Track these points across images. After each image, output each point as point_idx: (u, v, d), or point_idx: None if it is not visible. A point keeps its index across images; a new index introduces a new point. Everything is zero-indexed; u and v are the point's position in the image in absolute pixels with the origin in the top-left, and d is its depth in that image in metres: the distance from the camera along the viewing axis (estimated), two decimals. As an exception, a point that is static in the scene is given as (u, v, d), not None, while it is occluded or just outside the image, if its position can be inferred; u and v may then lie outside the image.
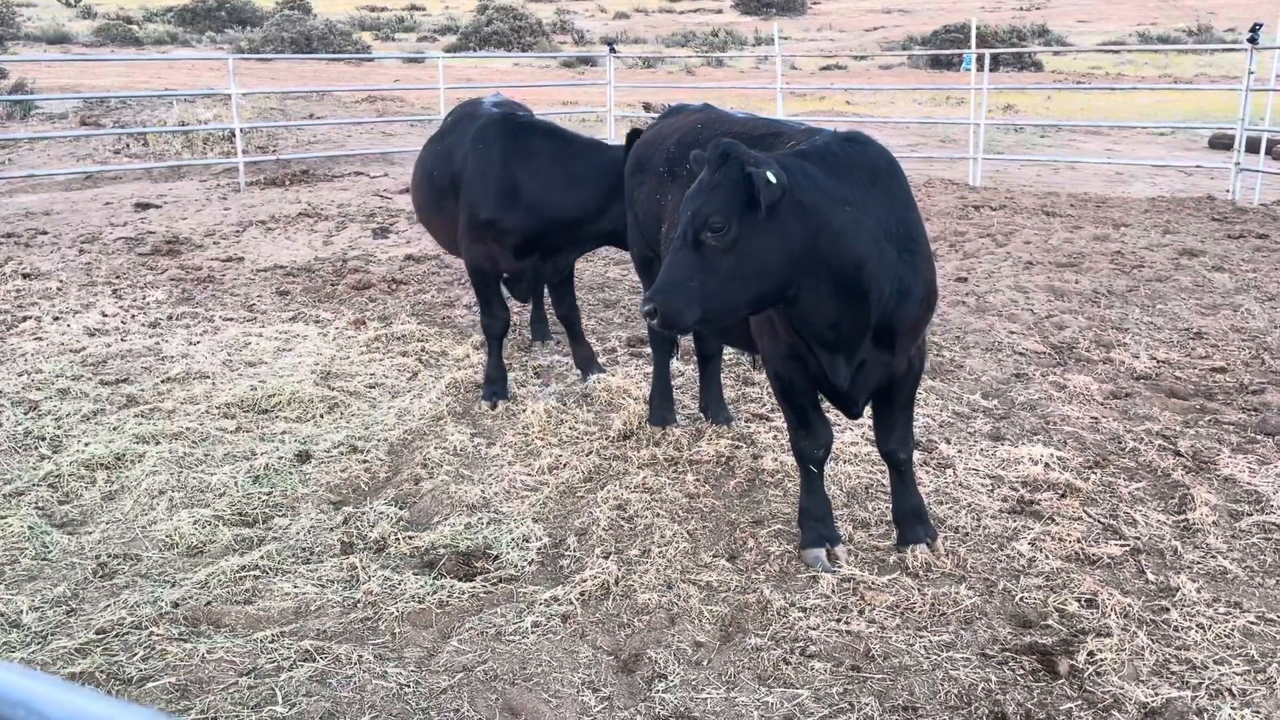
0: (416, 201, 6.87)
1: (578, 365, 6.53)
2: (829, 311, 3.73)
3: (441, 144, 6.48)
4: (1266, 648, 3.60)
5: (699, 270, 3.56)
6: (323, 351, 7.01)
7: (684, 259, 3.59)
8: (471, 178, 6.00)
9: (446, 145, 6.41)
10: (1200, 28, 46.06)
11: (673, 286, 3.57)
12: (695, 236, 3.57)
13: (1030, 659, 3.55)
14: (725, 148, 3.58)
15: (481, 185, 5.94)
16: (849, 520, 4.58)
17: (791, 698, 3.36)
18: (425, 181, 6.52)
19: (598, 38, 44.39)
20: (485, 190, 5.92)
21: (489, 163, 5.94)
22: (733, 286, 3.59)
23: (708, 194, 3.57)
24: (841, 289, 3.69)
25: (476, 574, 4.16)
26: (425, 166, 6.56)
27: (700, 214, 3.56)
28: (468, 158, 6.07)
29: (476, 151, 6.04)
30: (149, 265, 9.62)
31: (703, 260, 3.56)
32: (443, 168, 6.28)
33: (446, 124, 6.75)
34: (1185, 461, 5.16)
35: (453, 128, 6.54)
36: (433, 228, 6.81)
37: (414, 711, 3.30)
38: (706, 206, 3.55)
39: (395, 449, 5.45)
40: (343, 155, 15.95)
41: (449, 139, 6.44)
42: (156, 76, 25.25)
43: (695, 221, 3.57)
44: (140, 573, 4.18)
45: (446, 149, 6.37)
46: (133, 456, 5.21)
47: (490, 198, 5.89)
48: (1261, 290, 8.40)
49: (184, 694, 3.38)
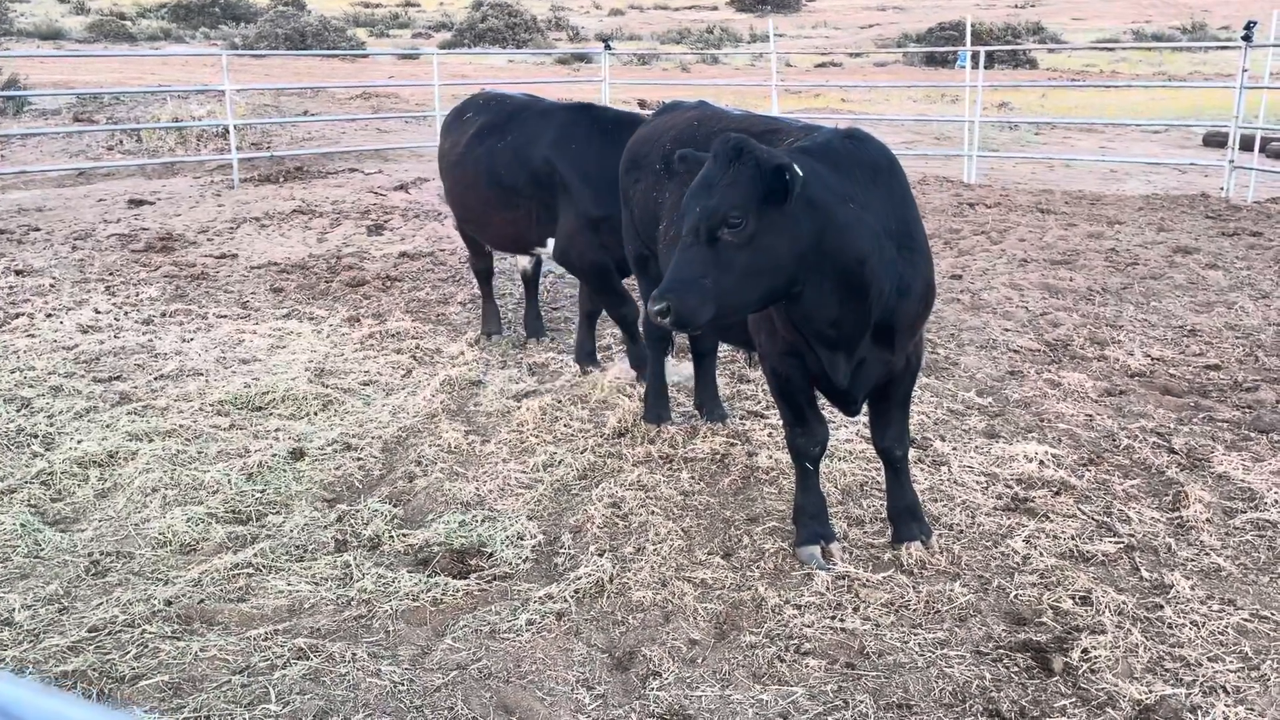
0: (465, 201, 6.78)
1: (632, 364, 6.45)
2: (831, 308, 3.72)
3: (501, 141, 6.43)
4: (1260, 645, 3.60)
5: (713, 267, 3.48)
6: (317, 349, 6.99)
7: (695, 255, 3.50)
8: (582, 175, 6.01)
9: (510, 143, 6.36)
10: (1194, 25, 46.11)
11: (686, 284, 3.47)
12: (710, 232, 3.48)
13: (1024, 656, 3.55)
14: (738, 142, 3.54)
15: (596, 182, 5.95)
16: (844, 518, 4.58)
17: (786, 695, 3.36)
18: (484, 180, 6.45)
19: (593, 34, 44.32)
20: (599, 187, 5.92)
21: (601, 159, 5.90)
22: (746, 283, 3.54)
23: (724, 188, 3.49)
24: (844, 286, 3.68)
25: (471, 571, 4.15)
26: (481, 165, 6.48)
27: (717, 209, 3.47)
28: (563, 155, 6.06)
29: (574, 148, 6.05)
30: (142, 262, 9.59)
31: (717, 256, 3.48)
32: (514, 166, 6.27)
33: (488, 121, 6.66)
34: (1179, 459, 5.17)
35: (507, 124, 6.48)
36: (489, 226, 6.74)
37: (408, 709, 3.30)
38: (724, 201, 3.47)
39: (389, 446, 5.44)
40: (337, 152, 15.91)
41: (511, 137, 6.39)
42: (150, 73, 25.17)
43: (710, 217, 3.48)
44: (133, 570, 4.17)
45: (512, 146, 6.33)
46: (126, 454, 5.20)
47: (606, 194, 5.87)
48: (1255, 287, 8.42)
49: (177, 692, 3.37)
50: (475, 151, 6.56)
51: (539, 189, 6.23)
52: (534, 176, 6.19)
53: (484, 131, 6.59)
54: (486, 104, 6.92)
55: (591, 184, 5.96)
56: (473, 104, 7.08)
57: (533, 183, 6.22)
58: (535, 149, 6.21)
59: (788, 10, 60.19)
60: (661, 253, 4.78)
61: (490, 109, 6.80)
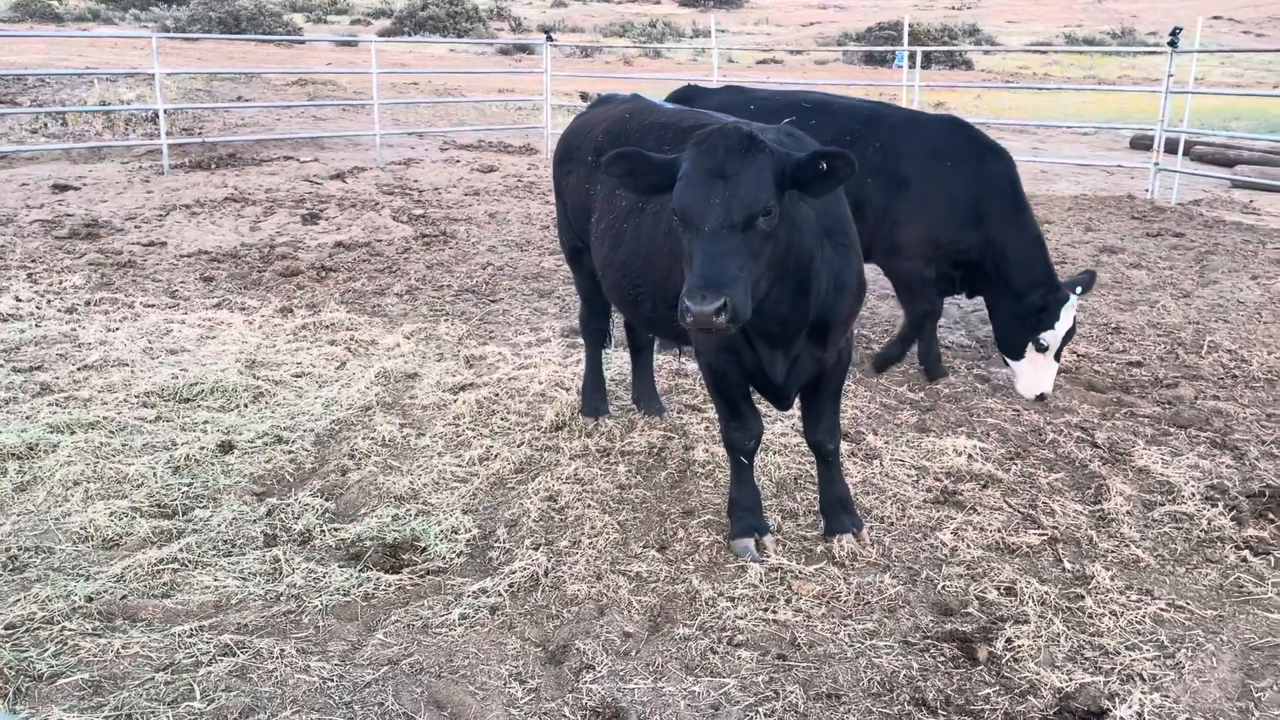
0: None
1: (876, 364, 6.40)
2: (784, 305, 3.74)
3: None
4: (1176, 634, 3.72)
5: (749, 258, 3.38)
6: (248, 339, 6.86)
7: (731, 247, 3.34)
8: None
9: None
10: (1124, 30, 47.33)
11: (734, 277, 3.32)
12: (749, 222, 3.37)
13: (951, 646, 3.62)
14: (751, 130, 3.50)
15: (944, 204, 6.08)
16: (778, 510, 4.62)
17: (718, 687, 3.39)
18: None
19: (535, 25, 44.06)
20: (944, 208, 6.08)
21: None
22: (765, 274, 3.50)
23: (754, 177, 3.40)
24: (795, 282, 3.71)
25: (404, 566, 4.11)
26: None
27: (756, 198, 3.38)
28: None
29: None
30: (66, 249, 9.31)
31: (749, 246, 3.38)
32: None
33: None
34: (1102, 453, 5.31)
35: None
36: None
37: (337, 705, 3.25)
38: (761, 189, 3.39)
39: (322, 439, 5.36)
40: (272, 139, 15.60)
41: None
42: (77, 54, 24.37)
43: (750, 206, 3.37)
44: (53, 566, 4.05)
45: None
46: (46, 446, 5.05)
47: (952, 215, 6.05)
48: (1177, 287, 8.67)
49: (97, 690, 3.28)
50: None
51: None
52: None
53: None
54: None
55: (948, 206, 6.17)
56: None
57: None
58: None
59: (730, 6, 60.44)
60: (594, 245, 4.78)
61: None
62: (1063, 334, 5.91)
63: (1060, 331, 5.89)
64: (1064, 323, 5.88)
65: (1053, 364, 5.99)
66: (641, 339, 5.66)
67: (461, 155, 15.73)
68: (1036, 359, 5.96)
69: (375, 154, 14.72)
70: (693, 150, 3.50)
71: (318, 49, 31.75)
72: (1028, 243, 5.97)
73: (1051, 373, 6.00)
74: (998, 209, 6.00)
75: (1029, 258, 5.95)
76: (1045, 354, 5.93)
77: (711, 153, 3.45)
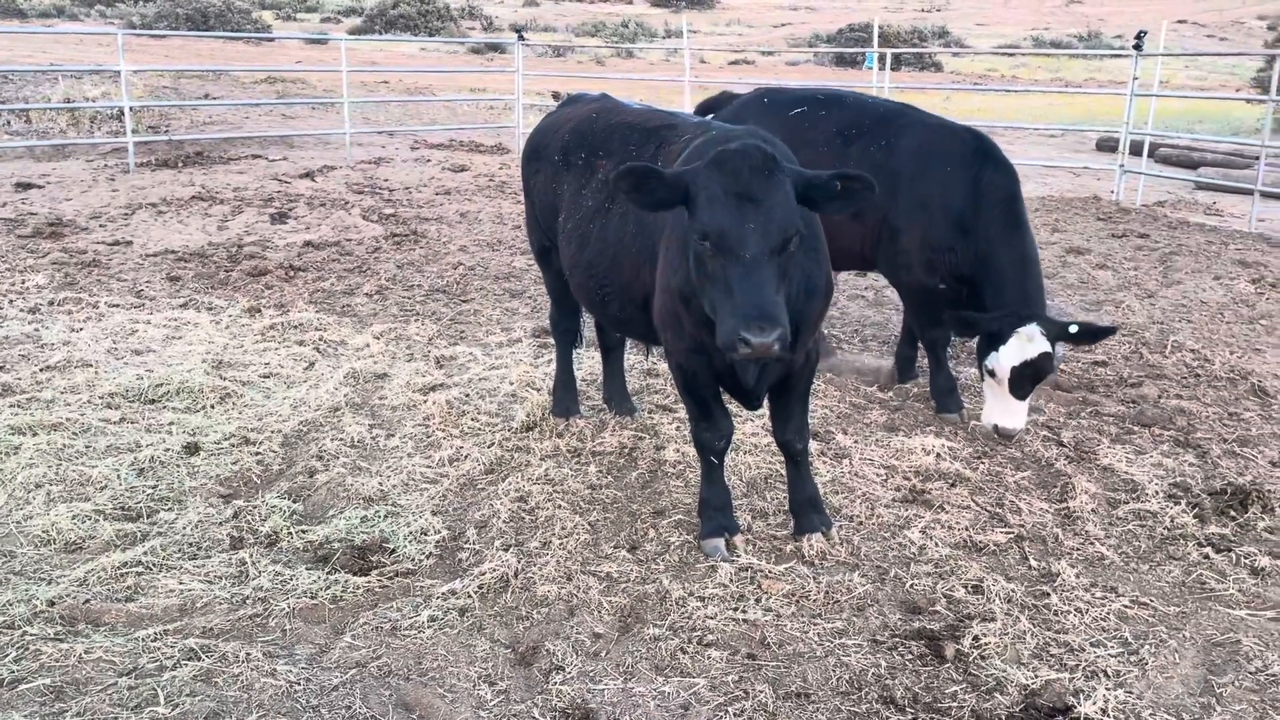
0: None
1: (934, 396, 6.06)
2: None
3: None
4: (1139, 630, 3.77)
5: (782, 280, 3.47)
6: (215, 340, 6.79)
7: (771, 273, 3.40)
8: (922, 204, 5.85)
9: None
10: (1090, 33, 47.89)
11: (780, 306, 3.39)
12: (785, 245, 3.43)
13: (918, 644, 3.64)
14: (771, 152, 3.51)
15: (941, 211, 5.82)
16: (748, 510, 4.63)
17: (688, 687, 3.39)
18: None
19: (507, 24, 43.91)
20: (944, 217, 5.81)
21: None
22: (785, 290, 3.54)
23: (784, 199, 3.45)
24: None
25: (372, 568, 4.08)
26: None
27: (789, 223, 3.43)
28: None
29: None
30: (29, 248, 9.18)
31: (783, 269, 3.47)
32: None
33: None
34: (1067, 451, 5.37)
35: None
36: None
37: (304, 709, 3.23)
38: (791, 214, 3.45)
39: (289, 441, 5.31)
40: (239, 137, 15.46)
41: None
42: (41, 50, 24.03)
43: (784, 231, 3.42)
44: (14, 570, 3.99)
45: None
46: (7, 448, 4.97)
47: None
48: (1141, 288, 8.78)
49: (59, 696, 3.24)
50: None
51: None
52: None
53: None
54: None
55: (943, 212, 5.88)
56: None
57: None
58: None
59: (702, 7, 60.57)
60: (561, 245, 4.77)
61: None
62: (1012, 364, 5.24)
63: (1007, 361, 5.24)
64: (1012, 350, 5.24)
65: (1010, 399, 5.34)
66: (612, 339, 5.66)
67: (433, 154, 15.66)
68: (994, 388, 5.41)
69: (345, 153, 14.62)
70: (714, 171, 3.48)
71: (287, 47, 31.47)
72: (1012, 261, 5.59)
73: (1011, 408, 5.37)
74: (990, 221, 5.69)
75: (1011, 277, 5.56)
76: (1001, 385, 5.34)
77: (736, 175, 3.44)
